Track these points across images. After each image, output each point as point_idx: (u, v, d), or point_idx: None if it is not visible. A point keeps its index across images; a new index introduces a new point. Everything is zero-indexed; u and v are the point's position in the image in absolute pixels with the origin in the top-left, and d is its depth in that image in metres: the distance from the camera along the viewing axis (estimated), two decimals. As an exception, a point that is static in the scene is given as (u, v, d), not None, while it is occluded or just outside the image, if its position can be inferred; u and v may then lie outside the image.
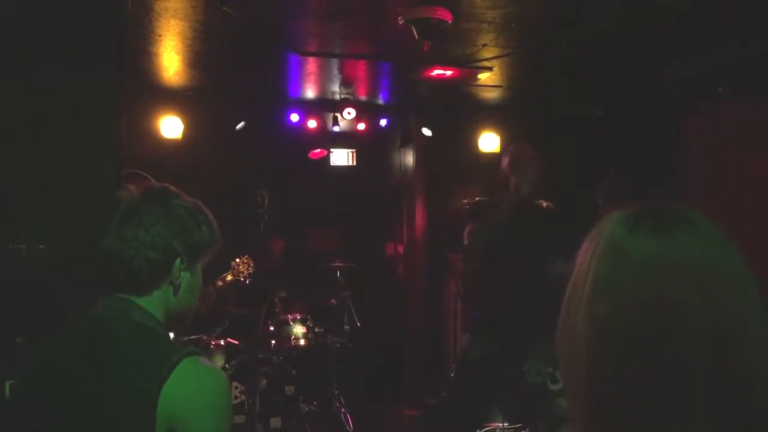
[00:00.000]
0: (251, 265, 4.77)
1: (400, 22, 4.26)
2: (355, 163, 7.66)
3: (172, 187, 1.61)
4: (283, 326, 5.61)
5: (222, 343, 5.26)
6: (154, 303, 1.52)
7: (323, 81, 6.24)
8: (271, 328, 5.53)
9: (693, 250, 0.85)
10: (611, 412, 0.86)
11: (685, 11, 4.23)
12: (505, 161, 3.78)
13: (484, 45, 4.97)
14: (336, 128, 6.84)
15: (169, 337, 1.54)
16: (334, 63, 5.66)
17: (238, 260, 5.06)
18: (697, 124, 5.57)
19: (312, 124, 6.91)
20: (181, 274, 1.52)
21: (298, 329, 5.64)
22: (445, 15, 4.06)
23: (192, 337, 5.00)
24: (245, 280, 4.81)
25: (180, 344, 1.54)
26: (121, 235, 1.49)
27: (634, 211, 0.91)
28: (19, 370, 1.56)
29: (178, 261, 1.51)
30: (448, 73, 5.54)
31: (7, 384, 2.52)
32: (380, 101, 7.13)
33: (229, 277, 5.02)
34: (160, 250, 1.49)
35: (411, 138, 7.29)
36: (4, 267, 2.73)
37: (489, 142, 7.18)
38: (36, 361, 1.54)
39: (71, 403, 1.43)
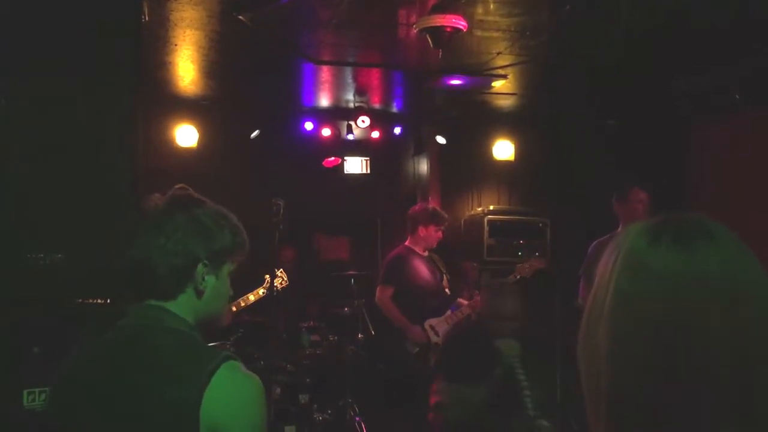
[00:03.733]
0: (285, 279, 4.74)
1: (415, 31, 4.26)
2: (369, 171, 7.65)
3: (195, 195, 1.63)
4: (297, 334, 5.61)
5: (236, 351, 5.27)
6: (183, 308, 1.53)
7: (337, 89, 6.25)
8: (285, 336, 5.53)
9: (713, 263, 0.84)
10: (631, 425, 0.85)
11: (703, 22, 4.21)
12: None
13: (498, 53, 4.96)
14: (350, 136, 6.85)
15: (202, 340, 1.55)
16: (348, 72, 5.68)
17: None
18: (709, 134, 5.52)
19: (326, 132, 6.94)
20: (206, 278, 1.54)
21: (312, 337, 5.64)
22: (460, 23, 4.05)
23: (208, 345, 5.00)
24: (276, 294, 4.79)
25: (215, 349, 1.55)
26: (146, 243, 1.52)
27: (654, 223, 0.90)
28: (48, 385, 1.56)
29: (200, 266, 1.53)
30: (463, 81, 5.53)
31: (25, 393, 2.53)
32: (394, 109, 7.13)
33: (262, 291, 4.98)
34: (182, 257, 1.51)
35: (425, 146, 7.29)
36: (21, 276, 2.75)
37: (503, 149, 7.16)
38: (69, 375, 1.53)
39: (110, 416, 1.42)
